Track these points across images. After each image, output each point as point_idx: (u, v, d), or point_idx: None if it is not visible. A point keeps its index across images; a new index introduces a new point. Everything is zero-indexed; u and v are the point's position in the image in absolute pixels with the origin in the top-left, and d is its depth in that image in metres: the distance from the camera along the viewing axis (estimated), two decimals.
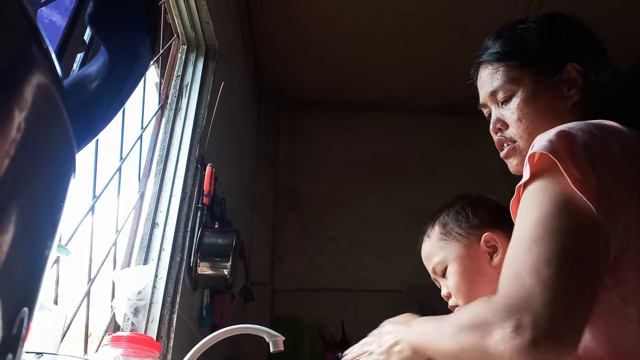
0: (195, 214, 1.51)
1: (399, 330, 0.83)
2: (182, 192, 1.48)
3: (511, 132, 0.85)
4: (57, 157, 0.26)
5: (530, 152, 0.65)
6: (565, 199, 0.59)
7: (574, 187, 0.59)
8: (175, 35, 1.78)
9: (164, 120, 1.61)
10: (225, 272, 1.46)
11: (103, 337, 1.15)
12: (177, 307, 1.29)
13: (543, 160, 0.63)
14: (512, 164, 0.86)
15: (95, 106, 0.33)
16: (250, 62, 2.79)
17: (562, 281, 0.55)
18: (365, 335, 0.96)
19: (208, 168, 1.56)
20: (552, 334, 0.53)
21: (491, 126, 0.89)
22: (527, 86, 0.84)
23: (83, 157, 1.05)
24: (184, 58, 1.78)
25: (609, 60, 0.88)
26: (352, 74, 3.04)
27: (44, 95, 0.23)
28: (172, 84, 1.71)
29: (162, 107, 1.63)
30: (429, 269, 1.03)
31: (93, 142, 0.61)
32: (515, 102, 0.84)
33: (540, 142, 0.65)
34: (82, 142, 0.33)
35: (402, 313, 0.96)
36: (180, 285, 1.34)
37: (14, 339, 0.24)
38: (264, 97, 3.18)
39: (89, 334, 1.09)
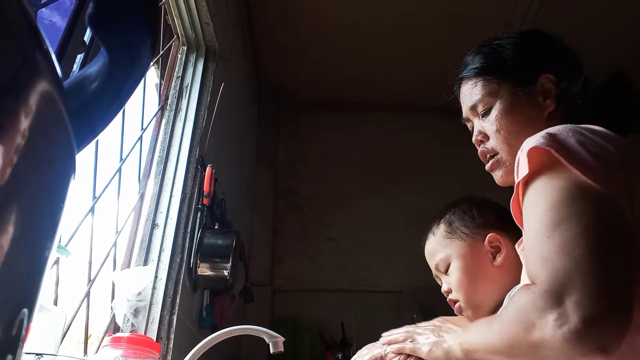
0: (195, 214, 1.51)
1: (452, 329, 0.83)
2: (182, 193, 1.48)
3: (492, 143, 0.88)
4: (57, 158, 0.26)
5: (523, 150, 0.65)
6: (576, 185, 0.59)
7: (580, 175, 0.59)
8: (176, 36, 1.78)
9: (164, 121, 1.61)
10: (225, 273, 1.46)
11: (103, 338, 1.15)
12: (177, 308, 1.29)
13: (542, 155, 0.63)
14: (497, 175, 0.89)
15: (95, 107, 0.33)
16: (250, 63, 2.79)
17: (595, 256, 0.53)
18: (364, 336, 0.97)
19: (208, 169, 1.56)
20: (600, 313, 0.50)
21: (473, 138, 0.93)
22: (504, 98, 0.87)
23: (83, 158, 1.05)
24: (184, 59, 1.78)
25: (583, 71, 0.91)
26: (352, 74, 3.04)
27: (44, 96, 0.23)
28: (172, 85, 1.71)
29: (162, 108, 1.63)
30: (432, 266, 1.04)
31: (93, 143, 0.61)
32: (493, 114, 0.88)
33: (534, 140, 0.65)
34: (82, 143, 0.33)
35: (401, 314, 0.96)
36: (180, 286, 1.34)
37: (14, 340, 0.24)
38: (264, 98, 3.18)
39: (88, 335, 1.09)
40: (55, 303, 0.95)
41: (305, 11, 2.60)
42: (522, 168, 0.65)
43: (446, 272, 0.99)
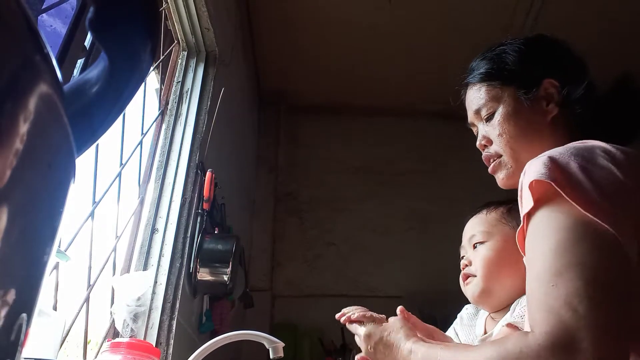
0: (195, 219, 1.51)
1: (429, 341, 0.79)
2: (182, 198, 1.47)
3: (495, 147, 0.89)
4: (57, 162, 0.26)
5: (525, 180, 0.65)
6: (577, 223, 0.58)
7: (582, 210, 0.58)
8: (176, 42, 1.79)
9: (164, 126, 1.62)
10: (225, 278, 1.46)
11: (102, 343, 1.15)
12: (176, 313, 1.29)
13: (543, 187, 0.62)
14: (499, 178, 0.90)
15: (95, 111, 0.33)
16: (250, 68, 2.80)
17: (600, 315, 0.53)
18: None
19: (208, 174, 1.56)
20: None
21: (477, 142, 0.94)
22: (507, 103, 0.88)
23: (83, 163, 1.05)
24: (184, 64, 1.79)
25: (587, 76, 0.91)
26: (352, 79, 3.05)
27: (44, 99, 0.23)
28: (173, 90, 1.71)
29: (162, 113, 1.63)
30: (466, 237, 1.01)
31: (93, 147, 0.61)
32: (496, 118, 0.88)
33: (534, 169, 0.64)
34: (82, 147, 0.33)
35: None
36: (180, 291, 1.33)
37: (12, 345, 0.23)
38: (263, 103, 3.19)
39: (88, 340, 1.08)
40: (55, 308, 0.95)
41: (305, 17, 2.61)
42: (526, 201, 0.65)
43: (475, 247, 0.97)
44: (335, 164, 3.16)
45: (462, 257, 1.01)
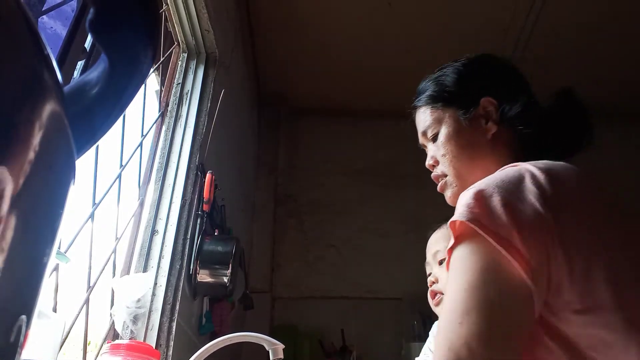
0: (195, 221, 1.51)
1: None
2: (182, 200, 1.47)
3: (441, 167, 0.92)
4: (57, 163, 0.26)
5: (452, 218, 0.66)
6: (490, 265, 0.59)
7: (498, 248, 0.58)
8: (176, 43, 1.79)
9: (164, 128, 1.62)
10: (225, 279, 1.46)
11: (102, 345, 1.15)
12: (176, 314, 1.29)
13: (463, 227, 0.63)
14: (446, 196, 0.93)
15: (96, 113, 0.33)
16: (250, 70, 2.80)
17: (493, 357, 0.55)
18: (364, 343, 0.98)
19: (208, 175, 1.56)
20: None
21: (426, 163, 0.97)
22: (448, 124, 0.91)
23: (83, 164, 1.05)
24: (184, 66, 1.79)
25: (527, 92, 0.92)
26: (352, 82, 3.05)
27: (44, 101, 0.23)
28: (173, 92, 1.71)
29: (162, 115, 1.64)
30: (430, 253, 1.04)
31: (93, 148, 0.61)
32: (440, 139, 0.92)
33: (459, 206, 0.65)
34: (82, 149, 0.33)
35: (401, 321, 0.96)
36: (180, 293, 1.33)
37: (12, 347, 0.23)
38: (264, 105, 3.19)
39: (87, 342, 1.08)
40: (54, 310, 0.95)
41: (305, 19, 2.61)
42: (451, 237, 0.66)
43: (441, 263, 0.99)
44: (335, 166, 3.16)
45: (429, 274, 1.02)
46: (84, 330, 1.07)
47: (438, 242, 1.02)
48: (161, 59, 1.64)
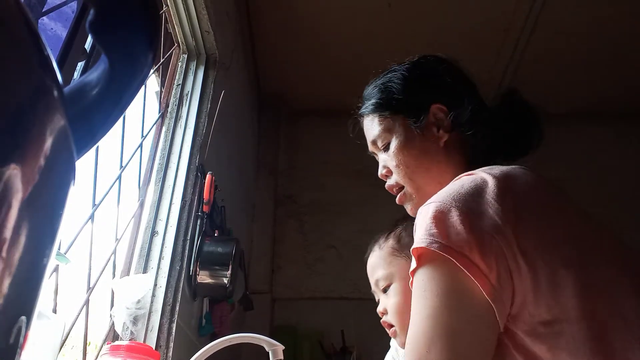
0: (195, 222, 1.51)
1: None
2: (182, 200, 1.47)
3: (395, 178, 0.89)
4: (57, 164, 0.26)
5: (414, 239, 0.64)
6: (451, 289, 0.59)
7: (458, 265, 0.57)
8: (176, 44, 1.79)
9: (164, 129, 1.62)
10: (225, 280, 1.45)
11: (102, 346, 1.14)
12: (176, 316, 1.29)
13: (422, 249, 0.62)
14: (407, 208, 0.90)
15: (96, 113, 0.33)
16: (251, 71, 2.80)
17: None
18: (365, 344, 0.96)
19: (208, 176, 1.56)
20: None
21: (379, 172, 0.94)
22: (399, 133, 0.88)
23: (83, 165, 1.05)
24: (184, 67, 1.79)
25: (475, 95, 0.91)
26: (351, 83, 3.04)
27: (44, 102, 0.23)
28: (173, 93, 1.71)
29: (162, 116, 1.64)
30: (371, 281, 0.98)
31: (93, 149, 0.61)
32: (392, 149, 0.88)
33: (419, 228, 0.64)
34: (82, 149, 0.33)
35: None
36: (180, 294, 1.33)
37: (11, 349, 0.23)
38: (264, 106, 3.19)
39: (87, 343, 1.08)
40: (54, 311, 0.95)
41: (305, 20, 2.61)
42: (412, 260, 0.65)
43: (385, 291, 0.93)
44: (336, 167, 3.15)
45: (378, 301, 0.97)
46: (84, 331, 1.07)
47: (375, 269, 0.96)
48: (161, 60, 1.64)
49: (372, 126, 0.93)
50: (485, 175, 0.67)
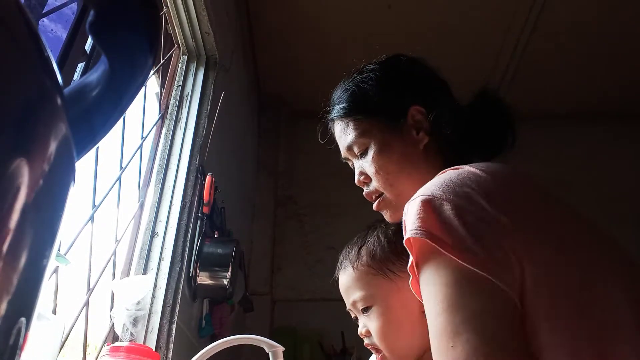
0: (195, 223, 1.51)
1: None
2: (181, 202, 1.47)
3: (374, 184, 0.85)
4: (57, 165, 0.26)
5: (405, 232, 0.61)
6: (461, 278, 0.56)
7: (461, 262, 0.55)
8: (176, 46, 1.79)
9: (164, 130, 1.62)
10: (225, 282, 1.45)
11: (102, 347, 1.14)
12: (176, 317, 1.28)
13: (419, 242, 0.59)
14: (385, 215, 0.87)
15: (96, 114, 0.33)
16: (251, 72, 2.80)
17: None
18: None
19: (208, 177, 1.56)
20: None
21: (356, 179, 0.91)
22: (377, 137, 0.84)
23: (83, 166, 1.05)
24: (184, 68, 1.79)
25: (450, 96, 0.88)
26: None
27: (44, 103, 0.23)
28: (173, 94, 1.71)
29: (162, 117, 1.64)
30: (347, 301, 0.90)
31: (93, 150, 0.61)
32: (370, 154, 0.84)
33: (410, 218, 0.61)
34: (82, 150, 0.33)
35: None
36: (180, 295, 1.33)
37: (11, 350, 0.23)
38: (264, 107, 3.19)
39: (87, 344, 1.08)
40: (54, 312, 0.95)
41: (306, 22, 2.61)
42: (410, 254, 0.62)
43: (365, 311, 0.86)
44: (335, 168, 3.14)
45: (355, 319, 0.91)
46: (84, 332, 1.07)
47: (349, 290, 0.88)
48: (161, 61, 1.64)
49: (346, 131, 0.89)
50: (472, 169, 0.65)
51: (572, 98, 3.07)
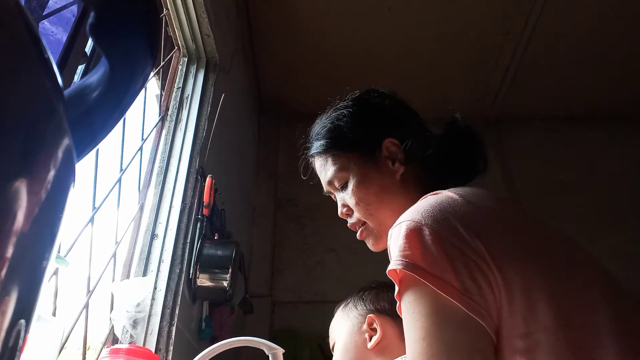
0: (195, 225, 1.50)
1: None
2: (181, 204, 1.47)
3: (356, 215, 0.90)
4: (57, 167, 0.26)
5: (390, 263, 0.64)
6: (437, 308, 0.58)
7: (439, 292, 0.57)
8: (176, 48, 1.79)
9: (164, 132, 1.62)
10: (225, 284, 1.45)
11: (101, 349, 1.14)
12: (176, 319, 1.28)
13: (402, 273, 0.62)
14: (369, 244, 0.91)
15: (96, 116, 0.33)
16: (251, 74, 2.81)
17: None
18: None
19: (208, 179, 1.56)
20: None
21: (339, 211, 0.95)
22: (355, 171, 0.88)
23: (83, 168, 1.05)
24: (184, 70, 1.79)
25: (421, 126, 0.93)
26: (352, 87, 3.05)
27: (44, 104, 0.23)
28: (173, 96, 1.71)
29: (162, 119, 1.64)
30: (331, 343, 1.08)
31: (93, 152, 0.61)
32: (350, 187, 0.89)
33: (393, 248, 0.64)
34: (82, 152, 0.33)
35: None
36: (180, 297, 1.33)
37: (11, 352, 0.23)
38: (264, 109, 3.19)
39: (87, 346, 1.08)
40: (54, 314, 0.94)
41: (305, 24, 2.62)
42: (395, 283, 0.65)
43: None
44: None
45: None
46: (84, 334, 1.06)
47: (330, 330, 1.08)
48: (161, 63, 1.64)
49: (326, 166, 0.94)
50: (450, 194, 0.68)
51: (571, 100, 3.08)
